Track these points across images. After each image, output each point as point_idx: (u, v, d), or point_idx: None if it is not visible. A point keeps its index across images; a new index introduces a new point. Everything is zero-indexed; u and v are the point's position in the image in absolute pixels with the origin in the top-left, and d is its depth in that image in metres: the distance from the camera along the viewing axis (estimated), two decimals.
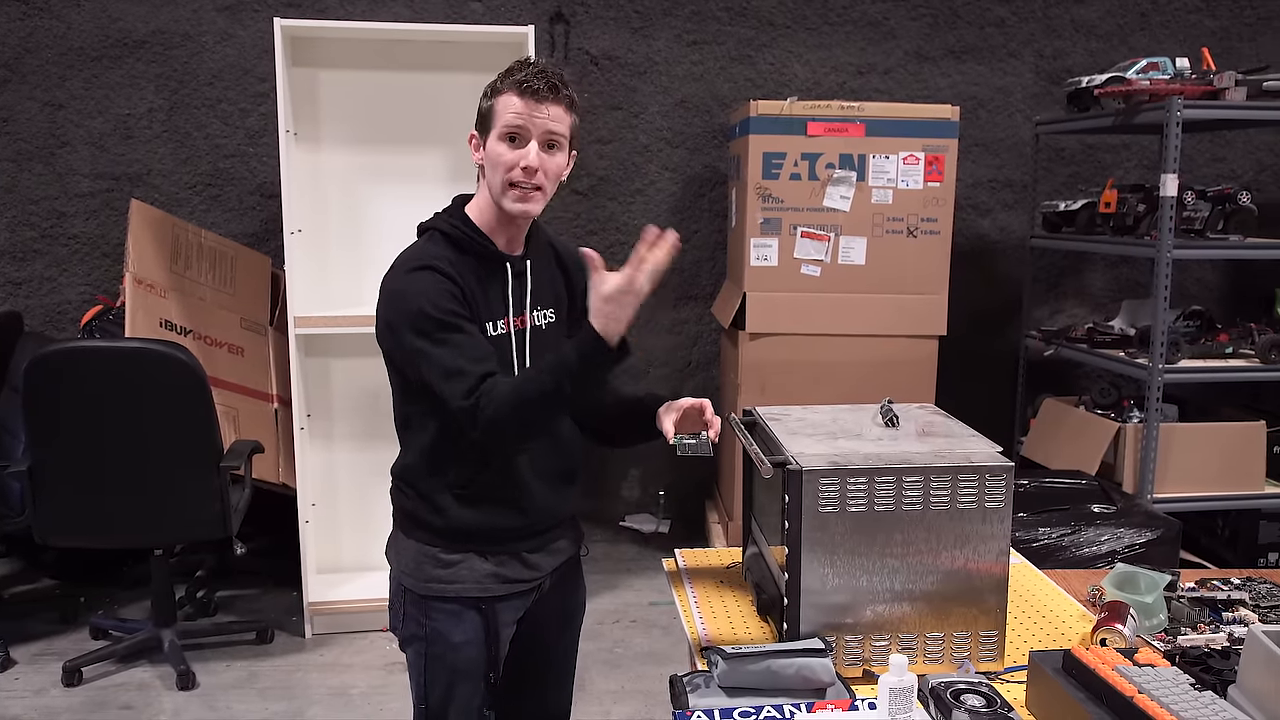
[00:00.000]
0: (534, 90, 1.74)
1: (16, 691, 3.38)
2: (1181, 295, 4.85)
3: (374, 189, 3.91)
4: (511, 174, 1.76)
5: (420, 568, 1.88)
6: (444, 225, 1.84)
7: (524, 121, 1.75)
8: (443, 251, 1.80)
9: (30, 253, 4.49)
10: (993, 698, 1.48)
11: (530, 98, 1.74)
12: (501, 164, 1.76)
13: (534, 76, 1.74)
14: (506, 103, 1.76)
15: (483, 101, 1.80)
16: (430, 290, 1.73)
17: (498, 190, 1.78)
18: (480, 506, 1.84)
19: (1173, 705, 1.35)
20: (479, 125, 1.82)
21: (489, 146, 1.79)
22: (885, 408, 1.91)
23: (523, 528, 1.89)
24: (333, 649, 3.69)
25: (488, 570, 1.86)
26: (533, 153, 1.75)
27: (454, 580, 1.86)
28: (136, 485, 3.25)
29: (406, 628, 1.91)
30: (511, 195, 1.77)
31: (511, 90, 1.76)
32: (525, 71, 1.75)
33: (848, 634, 1.68)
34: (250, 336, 4.12)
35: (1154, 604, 1.93)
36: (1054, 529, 3.32)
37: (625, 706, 3.30)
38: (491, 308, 1.82)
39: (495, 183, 1.78)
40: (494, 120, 1.78)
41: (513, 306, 1.85)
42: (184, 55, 4.45)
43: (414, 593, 1.88)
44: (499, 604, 1.88)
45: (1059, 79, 4.78)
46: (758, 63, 4.76)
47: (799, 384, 3.99)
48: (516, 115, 1.75)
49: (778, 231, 3.97)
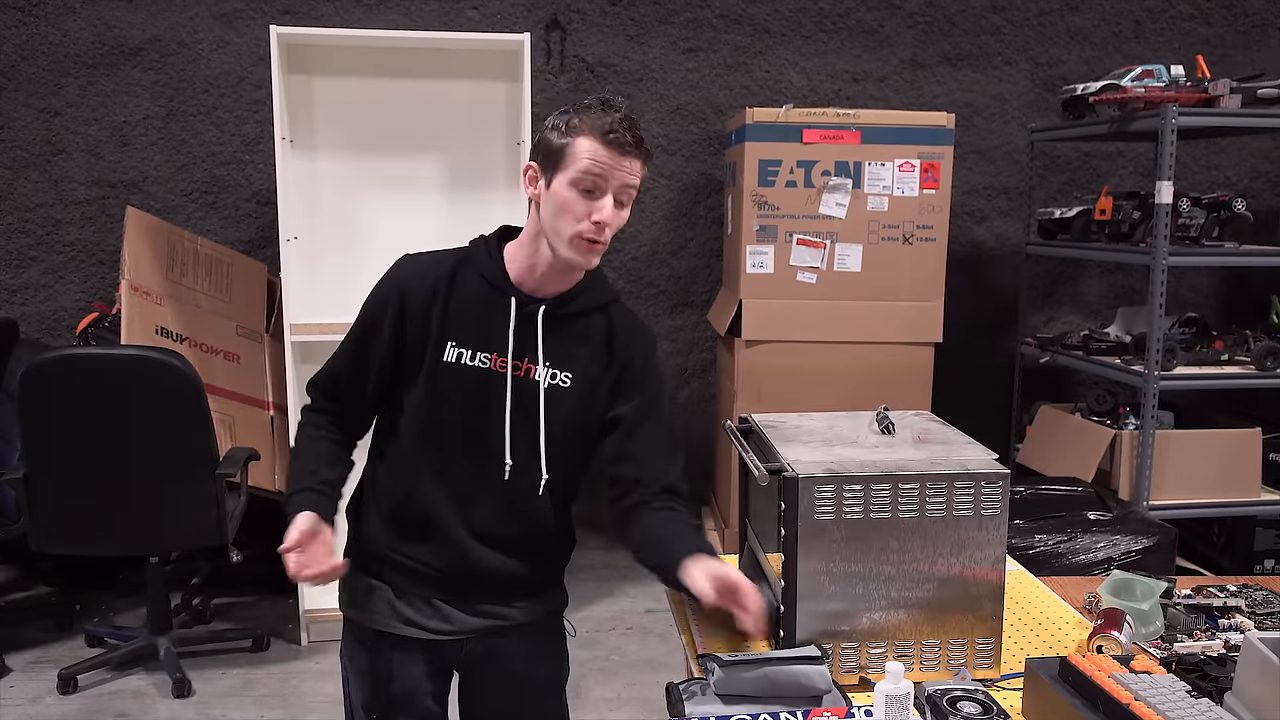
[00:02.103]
0: (620, 143, 1.63)
1: (12, 699, 3.37)
2: (1177, 302, 4.86)
3: (370, 196, 3.91)
4: (581, 225, 1.65)
5: (343, 590, 1.88)
6: (474, 245, 1.81)
7: (604, 172, 1.63)
8: (442, 267, 1.76)
9: (26, 260, 4.49)
10: (989, 705, 1.48)
11: (615, 149, 1.63)
12: (571, 213, 1.65)
13: (621, 127, 1.63)
14: (588, 149, 1.63)
15: (553, 136, 1.67)
16: (374, 300, 1.79)
17: (560, 238, 1.67)
18: (393, 532, 1.80)
19: (1169, 712, 1.35)
20: (544, 160, 1.69)
21: (557, 189, 1.66)
22: (881, 415, 1.91)
23: (436, 573, 1.79)
24: (328, 656, 3.68)
25: (388, 604, 1.81)
26: (608, 207, 1.65)
27: (359, 606, 1.85)
28: (132, 493, 3.24)
29: (341, 646, 1.95)
30: (578, 247, 1.67)
31: (594, 137, 1.63)
32: (610, 119, 1.64)
33: (844, 641, 1.68)
34: (246, 344, 4.12)
35: (1150, 611, 1.93)
36: (1050, 536, 3.32)
37: (621, 714, 3.29)
38: (478, 337, 1.73)
39: (561, 229, 1.66)
40: (568, 163, 1.65)
41: (514, 348, 1.73)
42: (180, 63, 4.45)
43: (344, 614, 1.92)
44: (413, 644, 1.81)
45: (1054, 86, 4.80)
46: (753, 70, 4.77)
47: (795, 391, 3.99)
48: (597, 165, 1.63)
49: (774, 239, 3.98)
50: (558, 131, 1.67)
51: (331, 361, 1.85)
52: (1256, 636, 1.49)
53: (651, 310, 4.85)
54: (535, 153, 1.72)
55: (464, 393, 1.73)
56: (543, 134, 1.71)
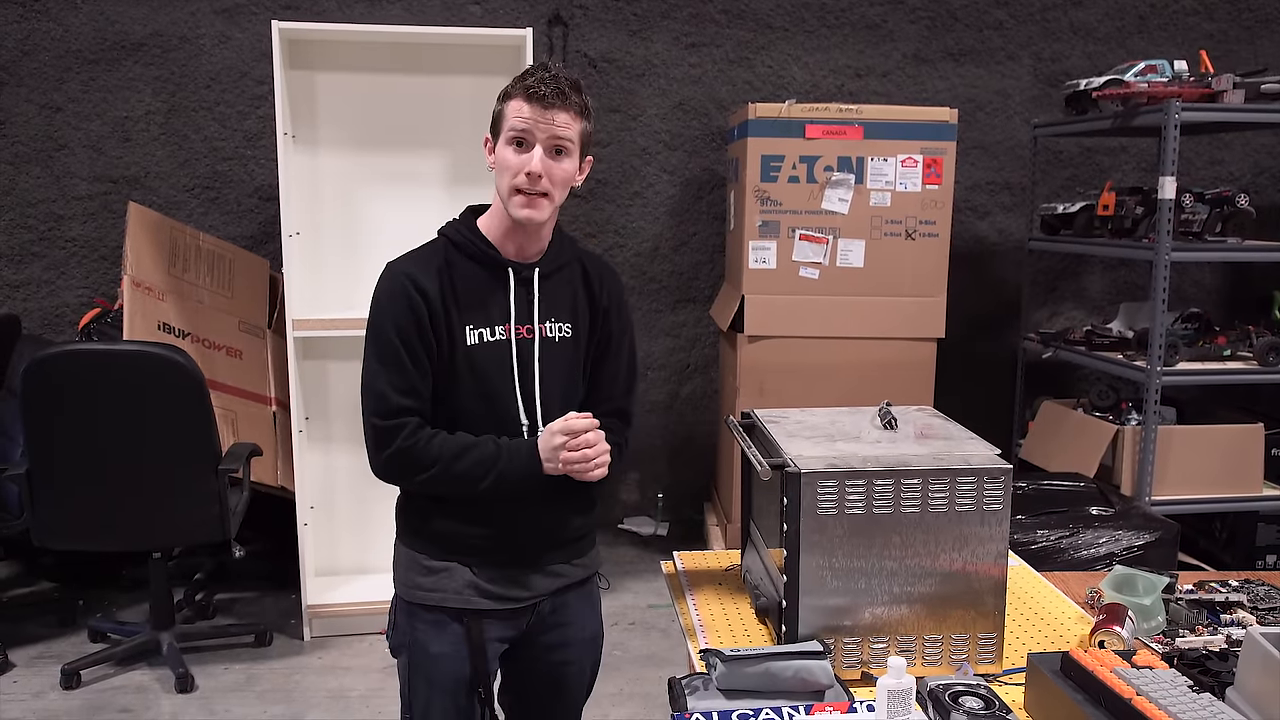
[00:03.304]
0: (540, 96, 1.73)
1: (15, 694, 3.38)
2: (1179, 298, 4.85)
3: (372, 191, 3.91)
4: (516, 179, 1.75)
5: (408, 574, 1.88)
6: (451, 232, 1.86)
7: (529, 126, 1.74)
8: (436, 259, 1.81)
9: (28, 255, 4.49)
10: (991, 700, 1.48)
11: (537, 103, 1.73)
12: (508, 169, 1.76)
13: (541, 82, 1.73)
14: (515, 108, 1.75)
15: (496, 106, 1.80)
16: (391, 302, 1.77)
17: (505, 195, 1.78)
18: (457, 519, 1.83)
19: (1171, 707, 1.35)
20: (491, 129, 1.82)
21: (499, 152, 1.78)
22: (884, 410, 1.91)
23: (507, 544, 1.86)
24: (331, 652, 3.69)
25: (471, 582, 1.84)
26: (536, 158, 1.74)
27: (435, 589, 1.85)
28: (135, 488, 3.25)
29: (396, 636, 1.91)
30: (517, 201, 1.77)
31: (519, 95, 1.75)
32: (534, 77, 1.74)
33: (846, 636, 1.68)
34: (248, 339, 4.12)
35: (1152, 606, 1.93)
36: (1052, 531, 3.32)
37: (624, 709, 3.30)
38: (487, 313, 1.81)
39: (502, 187, 1.78)
40: (502, 125, 1.77)
41: (515, 314, 1.83)
42: (182, 58, 4.45)
43: (404, 600, 1.89)
44: (485, 619, 1.85)
45: (1057, 82, 4.79)
46: (756, 65, 4.76)
47: (797, 386, 3.99)
48: (522, 120, 1.74)
49: (776, 234, 3.98)
50: (497, 101, 1.79)
51: (385, 376, 1.78)
52: (1258, 631, 1.49)
53: (654, 305, 4.85)
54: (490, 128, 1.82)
55: (488, 369, 1.81)
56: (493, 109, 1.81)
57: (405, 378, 1.77)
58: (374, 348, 1.79)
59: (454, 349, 1.79)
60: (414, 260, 1.82)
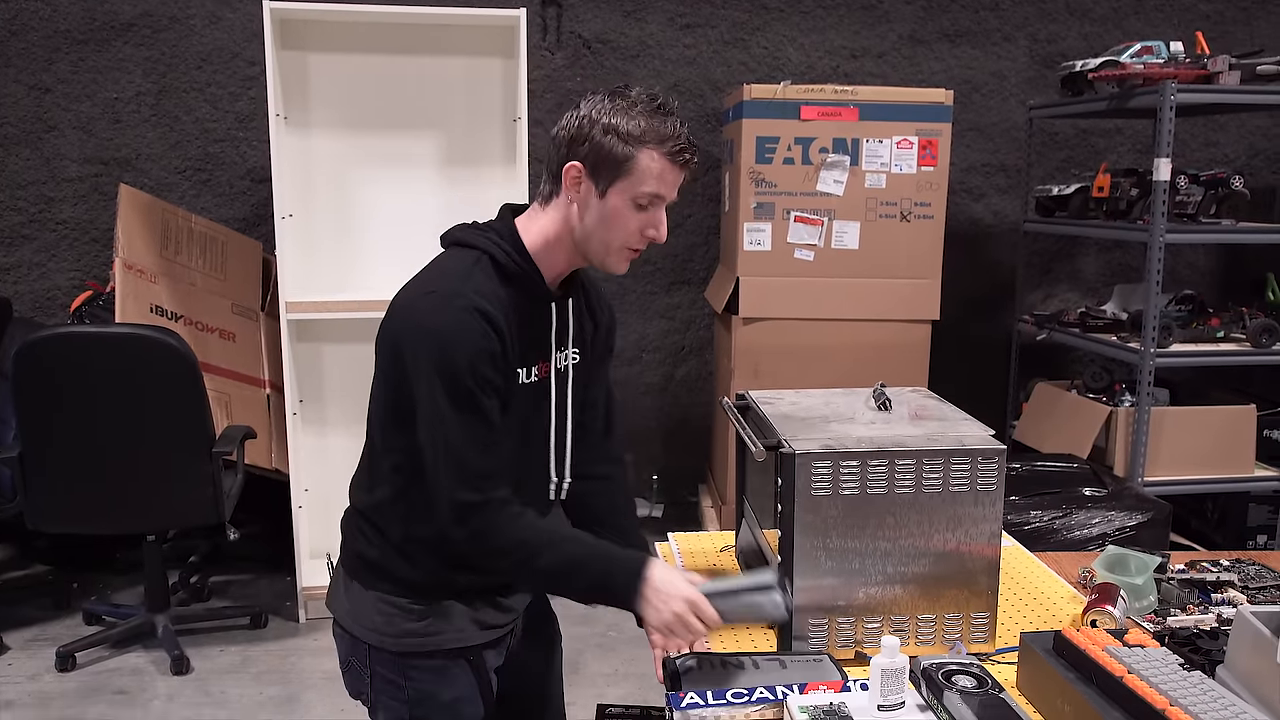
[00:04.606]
0: (686, 163, 1.58)
1: (11, 677, 3.38)
2: (1173, 279, 4.85)
3: (365, 173, 3.89)
4: (632, 239, 1.59)
5: (390, 622, 1.67)
6: (497, 252, 1.59)
7: (666, 191, 1.57)
8: (492, 287, 1.56)
9: (19, 238, 4.47)
10: (984, 678, 1.48)
11: (681, 169, 1.58)
12: (628, 229, 1.58)
13: (688, 145, 1.57)
14: (656, 169, 1.55)
15: (612, 143, 1.53)
16: (474, 345, 1.51)
17: (610, 250, 1.60)
18: (445, 564, 1.63)
19: (1162, 685, 1.36)
20: (597, 166, 1.55)
21: (614, 202, 1.56)
22: (878, 391, 1.91)
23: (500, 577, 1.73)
24: (326, 634, 3.67)
25: (466, 616, 1.68)
26: (664, 223, 1.60)
27: (432, 632, 1.66)
28: (128, 471, 3.24)
29: (380, 692, 1.70)
30: (622, 257, 1.61)
31: (663, 155, 1.55)
32: (677, 135, 1.56)
33: (840, 616, 1.69)
34: (241, 322, 4.11)
35: (1144, 586, 1.94)
36: (1045, 512, 3.33)
37: (619, 689, 3.31)
38: (526, 353, 1.62)
39: (607, 240, 1.59)
40: (630, 178, 1.55)
41: (551, 349, 1.68)
42: (172, 38, 4.42)
43: (384, 650, 1.68)
44: (484, 651, 1.73)
45: (1053, 63, 4.77)
46: (751, 46, 4.74)
47: (792, 368, 3.99)
48: (662, 184, 1.56)
49: (771, 216, 3.97)
50: (617, 138, 1.53)
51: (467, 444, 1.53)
52: (1248, 610, 1.49)
53: (648, 288, 4.85)
54: (581, 152, 1.56)
55: (527, 413, 1.66)
56: (590, 133, 1.55)
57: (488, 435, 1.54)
58: (448, 401, 1.51)
59: (510, 392, 1.59)
60: (478, 291, 1.54)
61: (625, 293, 4.80)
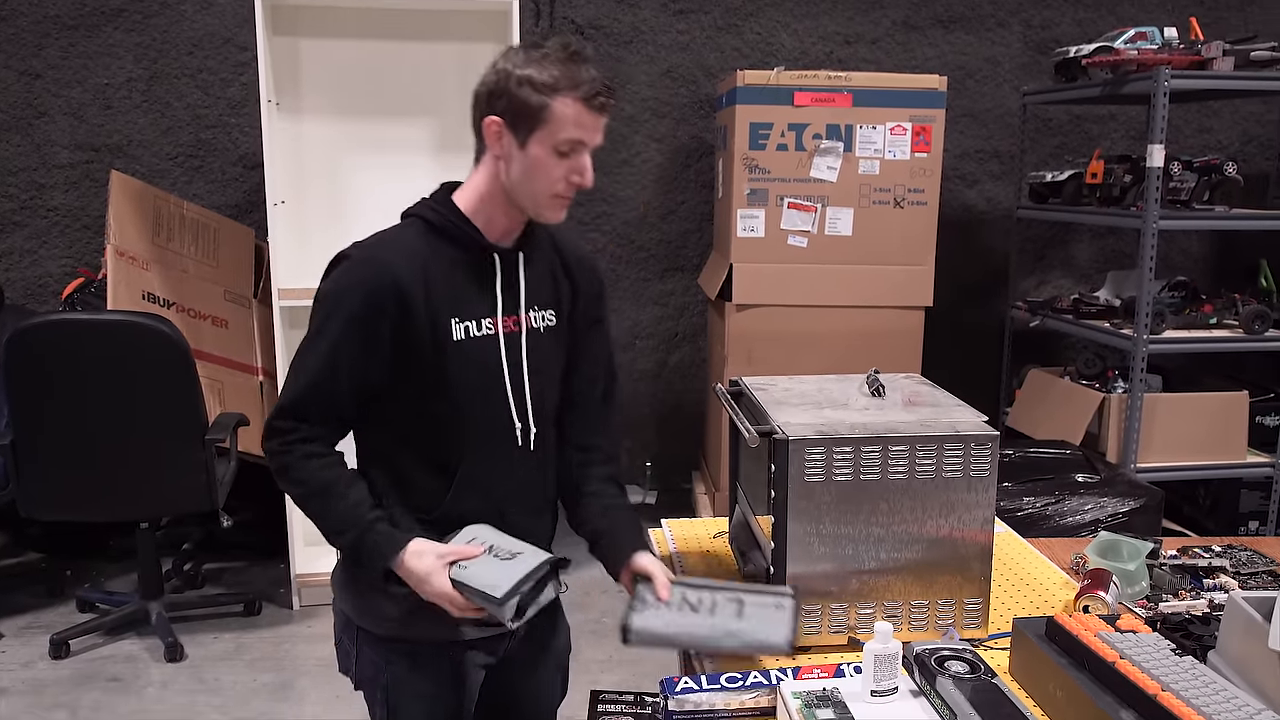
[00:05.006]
0: (602, 106, 1.57)
1: (4, 664, 3.38)
2: (1167, 266, 4.86)
3: (357, 159, 3.88)
4: (559, 187, 1.60)
5: (371, 603, 1.67)
6: (428, 213, 1.65)
7: (585, 137, 1.57)
8: (416, 245, 1.61)
9: (9, 225, 4.44)
10: (976, 664, 1.49)
11: (597, 112, 1.57)
12: (552, 176, 1.59)
13: (603, 89, 1.57)
14: (571, 114, 1.55)
15: (526, 93, 1.54)
16: (358, 284, 1.57)
17: (538, 199, 1.61)
18: (435, 538, 1.63)
19: (1154, 670, 1.37)
20: (514, 118, 1.57)
21: (534, 151, 1.57)
22: (871, 378, 1.91)
23: None
24: (320, 620, 3.70)
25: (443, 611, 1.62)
26: (589, 168, 1.60)
27: (412, 622, 1.65)
28: (121, 458, 3.24)
29: (362, 670, 1.73)
30: (555, 206, 1.62)
31: (577, 100, 1.55)
32: (591, 79, 1.56)
33: (833, 602, 1.69)
34: (234, 309, 4.10)
35: (1136, 572, 1.94)
36: (1038, 498, 3.34)
37: (613, 675, 3.32)
38: (473, 306, 1.64)
39: (535, 191, 1.60)
40: (547, 126, 1.55)
41: (503, 305, 1.67)
42: (163, 24, 4.39)
43: (369, 632, 1.70)
44: (469, 650, 1.71)
45: (1047, 49, 4.76)
46: (744, 32, 4.72)
47: (785, 355, 3.99)
48: (580, 129, 1.56)
49: (764, 202, 3.96)
50: (531, 88, 1.54)
51: (306, 379, 1.60)
52: (1240, 596, 1.50)
53: (642, 274, 4.84)
54: (499, 106, 1.58)
55: (476, 367, 1.65)
56: (506, 86, 1.56)
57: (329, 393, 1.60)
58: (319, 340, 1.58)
59: (439, 347, 1.61)
60: (391, 249, 1.60)
61: (619, 279, 4.79)
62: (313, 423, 1.63)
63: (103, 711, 3.13)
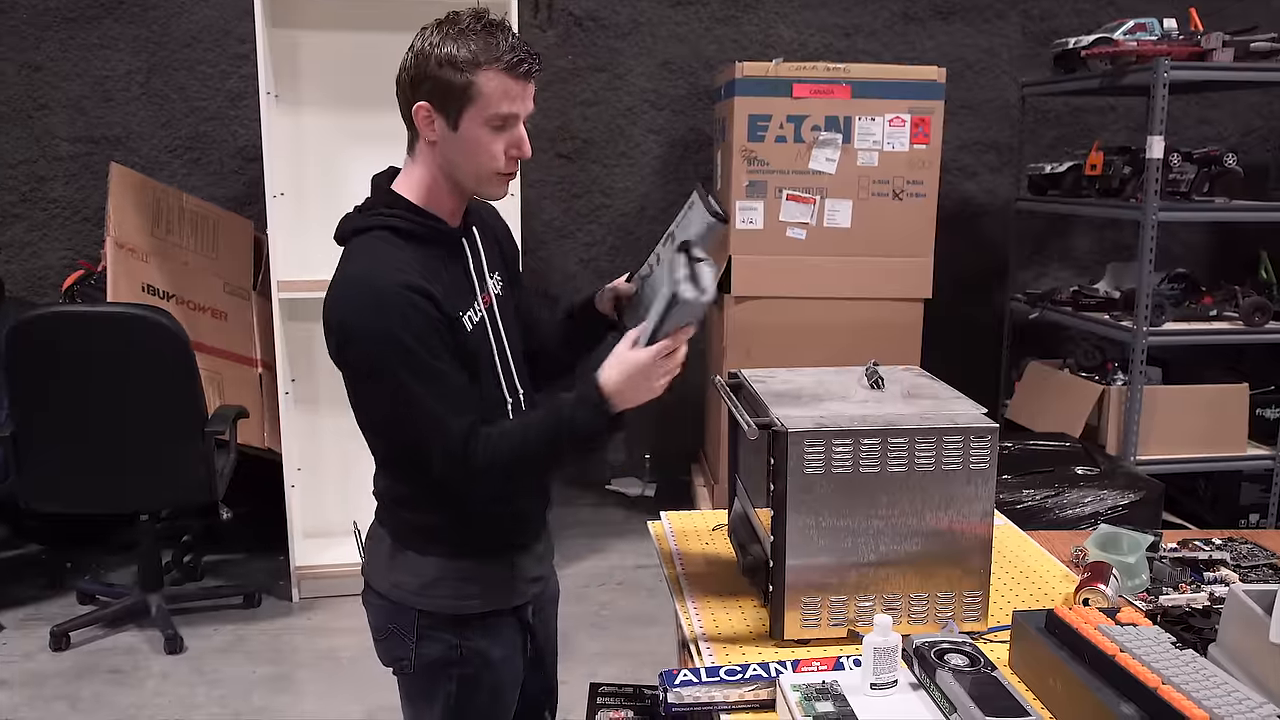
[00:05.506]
0: (527, 73, 1.54)
1: (5, 656, 3.39)
2: (1166, 258, 4.84)
3: (357, 151, 3.86)
4: (499, 163, 1.58)
5: (454, 586, 1.69)
6: (393, 220, 1.61)
7: (516, 108, 1.55)
8: (404, 256, 1.57)
9: (9, 217, 4.44)
10: (976, 657, 1.49)
11: (523, 80, 1.54)
12: (490, 152, 1.56)
13: (526, 55, 1.53)
14: (498, 87, 1.52)
15: (450, 73, 1.52)
16: (413, 321, 1.52)
17: (481, 178, 1.60)
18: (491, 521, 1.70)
19: (1154, 663, 1.37)
20: (441, 101, 1.55)
21: (468, 130, 1.55)
22: (871, 370, 1.91)
23: (533, 519, 1.80)
24: (320, 612, 3.70)
25: (514, 575, 1.74)
26: (526, 139, 1.58)
27: (492, 592, 1.72)
28: (121, 451, 3.24)
29: (425, 655, 1.70)
30: (498, 182, 1.61)
31: (501, 71, 1.51)
32: (511, 47, 1.53)
33: (833, 594, 1.69)
34: (233, 301, 4.09)
35: (1136, 564, 1.94)
36: (1038, 491, 3.34)
37: (612, 668, 3.32)
38: (463, 296, 1.64)
39: (476, 171, 1.59)
40: (475, 103, 1.53)
41: (478, 284, 1.69)
42: (162, 16, 4.38)
43: (438, 614, 1.69)
44: (527, 609, 1.79)
45: (1046, 40, 4.75)
46: (743, 24, 4.71)
47: (784, 347, 3.99)
48: (510, 101, 1.53)
49: (763, 194, 3.96)
50: (453, 67, 1.52)
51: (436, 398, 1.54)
52: (1241, 588, 1.50)
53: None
54: (424, 90, 1.56)
55: (485, 353, 1.67)
56: (427, 68, 1.54)
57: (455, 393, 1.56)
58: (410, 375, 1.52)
59: (461, 344, 1.61)
60: (393, 263, 1.56)
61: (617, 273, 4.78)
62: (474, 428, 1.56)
63: (103, 703, 3.13)
